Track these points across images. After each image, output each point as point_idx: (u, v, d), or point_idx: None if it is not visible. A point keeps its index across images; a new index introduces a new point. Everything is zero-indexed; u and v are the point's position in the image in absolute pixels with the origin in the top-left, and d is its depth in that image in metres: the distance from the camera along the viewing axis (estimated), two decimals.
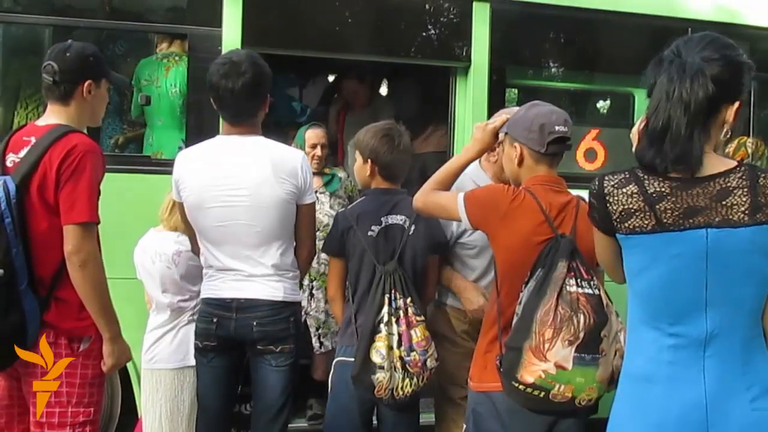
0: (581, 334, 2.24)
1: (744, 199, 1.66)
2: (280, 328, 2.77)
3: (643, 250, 1.72)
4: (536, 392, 2.26)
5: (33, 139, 2.46)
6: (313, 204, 2.90)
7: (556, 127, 2.47)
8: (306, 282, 4.07)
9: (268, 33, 3.90)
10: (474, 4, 4.10)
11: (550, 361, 2.23)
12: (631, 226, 1.72)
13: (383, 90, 6.21)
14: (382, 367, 2.76)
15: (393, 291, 2.84)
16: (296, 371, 2.89)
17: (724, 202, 1.66)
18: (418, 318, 2.85)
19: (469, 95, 4.12)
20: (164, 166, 3.43)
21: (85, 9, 3.92)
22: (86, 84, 2.54)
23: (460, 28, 4.13)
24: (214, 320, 2.78)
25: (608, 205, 1.76)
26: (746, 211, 1.65)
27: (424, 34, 4.14)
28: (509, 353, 2.32)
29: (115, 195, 3.60)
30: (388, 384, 2.77)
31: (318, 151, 4.18)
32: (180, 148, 3.67)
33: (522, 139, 2.51)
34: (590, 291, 2.30)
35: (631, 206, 1.72)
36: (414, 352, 2.79)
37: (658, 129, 1.68)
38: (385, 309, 2.81)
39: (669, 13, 4.37)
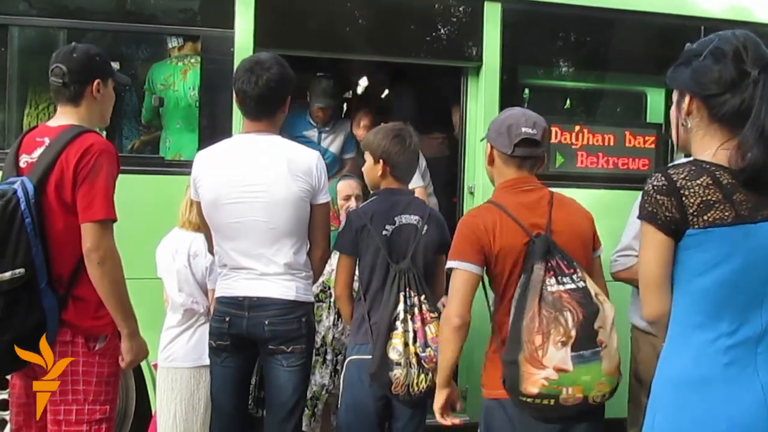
0: (573, 332, 2.21)
1: None
2: (292, 327, 2.79)
3: (719, 244, 1.65)
4: (545, 401, 2.23)
5: (47, 140, 2.49)
6: (328, 204, 2.92)
7: (523, 129, 2.48)
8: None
9: (280, 34, 3.91)
10: (485, 3, 4.10)
11: (548, 367, 2.20)
12: (710, 219, 1.64)
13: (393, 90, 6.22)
14: (399, 364, 2.81)
15: (407, 289, 2.89)
16: (308, 372, 2.91)
17: None
18: (432, 315, 2.90)
19: (481, 95, 4.13)
20: (183, 167, 3.47)
21: (97, 11, 3.95)
22: (95, 83, 2.58)
23: (471, 28, 4.13)
24: (227, 319, 2.80)
25: (684, 198, 1.65)
26: None
27: (435, 34, 4.15)
28: (508, 368, 2.29)
29: (135, 196, 3.69)
30: (404, 380, 2.82)
31: (352, 203, 4.03)
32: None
33: (492, 140, 2.56)
34: (573, 286, 2.27)
35: (709, 197, 1.64)
36: (429, 348, 2.84)
37: None
38: (401, 306, 2.86)
39: (682, 12, 4.35)
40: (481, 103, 4.12)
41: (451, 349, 2.50)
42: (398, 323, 2.84)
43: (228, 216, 2.78)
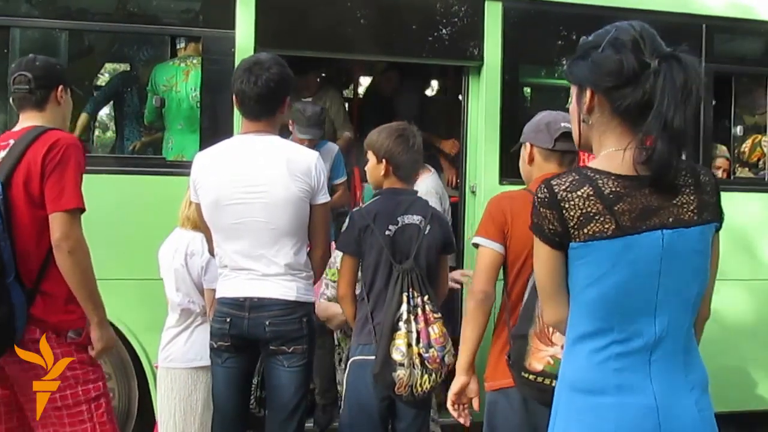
0: None
1: (692, 198, 1.62)
2: (293, 328, 2.79)
3: (601, 257, 1.59)
4: (547, 381, 2.23)
5: (11, 141, 2.54)
6: (327, 204, 2.92)
7: (562, 124, 2.56)
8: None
9: (280, 34, 3.91)
10: (486, 2, 4.10)
11: (557, 344, 2.20)
12: (590, 232, 1.58)
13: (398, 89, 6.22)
14: (402, 365, 2.81)
15: (410, 289, 2.89)
16: (310, 372, 2.91)
17: (675, 201, 1.60)
18: (435, 315, 2.90)
19: (482, 94, 4.12)
20: (184, 168, 3.47)
21: (98, 13, 3.95)
22: (59, 89, 2.67)
23: (472, 27, 4.12)
24: (228, 320, 2.80)
25: (564, 211, 1.59)
26: (695, 210, 1.61)
27: (436, 33, 4.14)
28: (516, 342, 2.31)
29: (137, 197, 3.70)
30: (408, 381, 2.82)
31: None
32: None
33: (531, 139, 2.64)
34: None
35: (589, 210, 1.58)
36: (432, 349, 2.84)
37: (682, 129, 1.55)
38: (404, 307, 2.86)
39: (683, 10, 4.35)
40: (482, 102, 4.12)
41: (472, 327, 2.52)
42: (401, 324, 2.84)
43: (228, 217, 2.78)
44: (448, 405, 2.63)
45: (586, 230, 1.59)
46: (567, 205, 1.60)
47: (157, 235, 3.36)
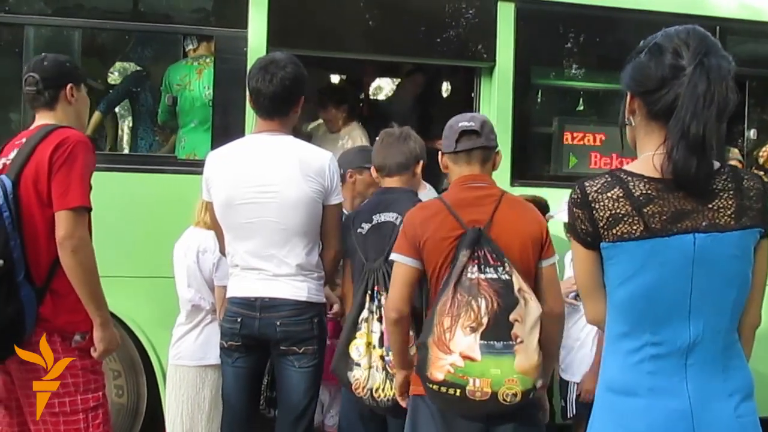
0: (485, 319, 2.15)
1: (730, 203, 1.61)
2: (304, 328, 2.78)
3: (629, 258, 1.62)
4: (451, 390, 2.16)
5: (24, 140, 2.55)
6: (340, 205, 2.91)
7: (460, 124, 2.48)
8: None
9: (293, 34, 3.92)
10: (499, 3, 4.09)
11: (454, 352, 2.14)
12: (618, 233, 1.61)
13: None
14: (358, 365, 2.72)
15: (375, 288, 2.80)
16: (320, 373, 2.90)
17: (710, 205, 1.60)
18: None
19: (494, 96, 4.11)
20: (196, 167, 3.48)
21: (112, 11, 3.97)
22: (68, 88, 2.66)
23: (484, 28, 4.12)
24: (239, 320, 2.80)
25: (594, 211, 1.63)
26: (732, 215, 1.60)
27: (448, 34, 4.14)
28: (419, 351, 2.25)
29: (149, 195, 3.71)
30: (365, 383, 2.72)
31: None
32: None
33: (442, 149, 2.55)
34: (494, 276, 2.21)
35: (618, 211, 1.61)
36: None
37: (699, 137, 1.55)
38: (367, 305, 2.78)
39: (696, 12, 4.32)
40: (494, 104, 4.11)
41: (395, 340, 2.48)
42: (363, 323, 2.76)
43: (240, 216, 2.78)
44: (399, 399, 2.59)
45: (614, 231, 1.62)
46: (597, 206, 1.63)
47: (169, 233, 3.37)
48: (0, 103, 4.11)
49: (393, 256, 2.46)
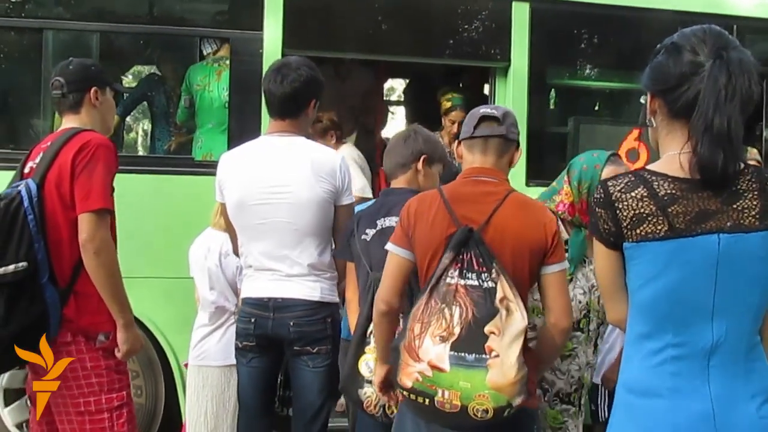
0: (456, 329, 2.02)
1: (755, 203, 1.59)
2: (317, 328, 2.79)
3: (653, 258, 1.60)
4: (420, 399, 2.05)
5: (49, 144, 2.59)
6: (352, 205, 2.92)
7: (482, 110, 2.35)
8: None
9: (308, 36, 3.94)
10: (513, 4, 4.09)
11: (423, 360, 2.03)
12: (642, 233, 1.60)
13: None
14: (369, 382, 2.55)
15: None
16: (334, 373, 2.87)
17: (735, 206, 1.59)
18: None
19: (509, 96, 4.11)
20: (212, 168, 3.51)
21: (129, 15, 4.01)
22: (92, 91, 2.69)
23: (499, 29, 4.12)
24: (252, 320, 2.82)
25: (618, 211, 1.62)
26: (757, 215, 1.58)
27: (463, 35, 4.14)
28: (392, 355, 2.18)
29: (165, 196, 3.74)
30: (377, 400, 2.56)
31: None
32: None
33: (461, 137, 2.39)
34: (475, 283, 2.07)
35: (642, 210, 1.60)
36: None
37: (724, 129, 1.54)
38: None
39: (713, 11, 4.30)
40: (508, 104, 4.10)
41: (380, 332, 2.36)
42: (370, 336, 2.56)
43: (253, 217, 2.80)
44: (380, 395, 2.50)
45: (638, 231, 1.61)
46: (621, 206, 1.62)
47: (186, 234, 3.40)
48: (20, 106, 4.16)
49: (388, 246, 2.32)
